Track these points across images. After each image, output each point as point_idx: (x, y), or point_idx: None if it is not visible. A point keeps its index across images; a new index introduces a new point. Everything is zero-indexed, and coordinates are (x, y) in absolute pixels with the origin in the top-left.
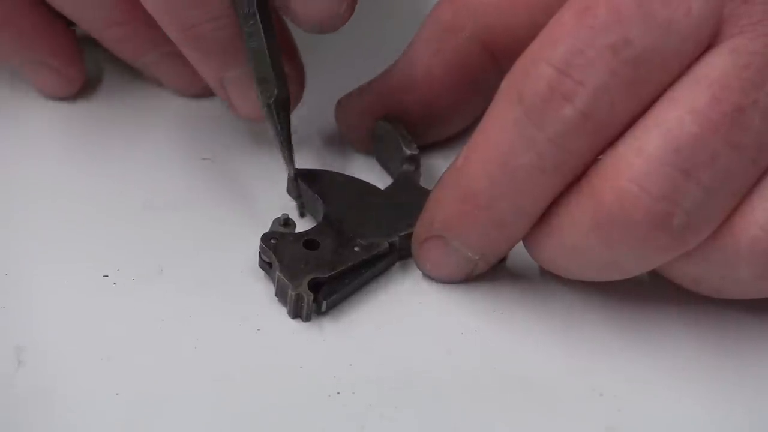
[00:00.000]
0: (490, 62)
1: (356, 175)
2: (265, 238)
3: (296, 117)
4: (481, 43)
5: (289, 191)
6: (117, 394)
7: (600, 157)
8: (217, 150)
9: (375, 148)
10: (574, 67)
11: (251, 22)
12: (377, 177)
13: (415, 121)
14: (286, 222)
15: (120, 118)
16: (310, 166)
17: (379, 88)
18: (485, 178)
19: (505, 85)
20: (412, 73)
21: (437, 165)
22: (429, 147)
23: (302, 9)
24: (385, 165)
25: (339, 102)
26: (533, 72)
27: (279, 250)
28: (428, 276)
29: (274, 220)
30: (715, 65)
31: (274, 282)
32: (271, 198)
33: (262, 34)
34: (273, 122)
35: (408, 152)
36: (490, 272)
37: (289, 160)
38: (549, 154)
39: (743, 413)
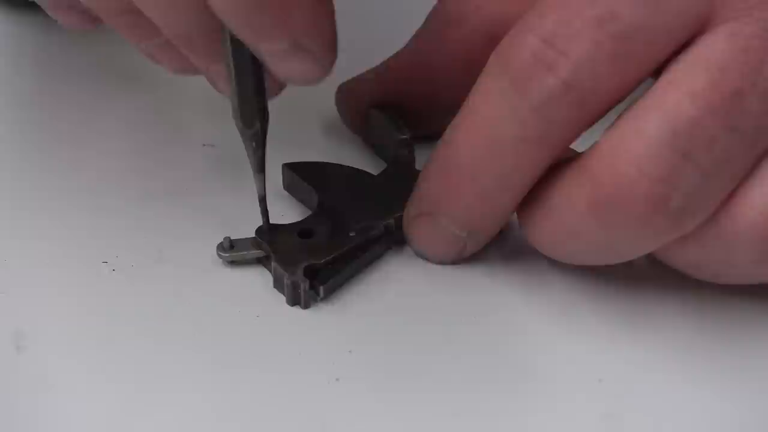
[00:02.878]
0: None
1: (353, 165)
2: (260, 232)
3: (293, 103)
4: (484, 35)
5: (263, 214)
6: (116, 380)
7: (598, 140)
8: (218, 137)
9: (370, 137)
10: (558, 37)
11: (236, 62)
12: (374, 167)
13: (417, 110)
14: (231, 245)
15: (121, 103)
16: (307, 153)
17: (382, 76)
18: (469, 150)
19: (493, 56)
20: (416, 63)
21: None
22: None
23: (277, 73)
24: (381, 153)
25: (340, 88)
26: (519, 42)
27: (274, 242)
28: (419, 255)
29: (217, 246)
30: (714, 48)
31: (271, 274)
32: (271, 185)
33: (250, 76)
34: (251, 151)
35: (399, 136)
36: (488, 258)
37: (262, 185)
38: (532, 124)
39: (743, 399)
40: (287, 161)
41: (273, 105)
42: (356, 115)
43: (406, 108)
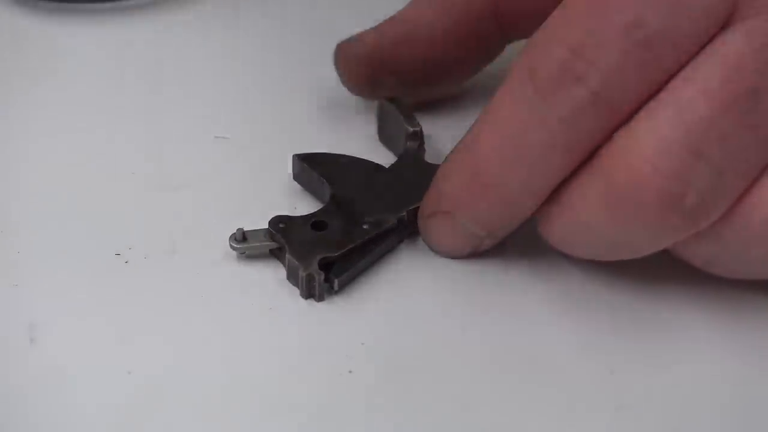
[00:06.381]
0: (494, 24)
1: (359, 155)
2: (273, 223)
3: (296, 95)
4: (486, 3)
5: None
6: (129, 372)
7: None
8: (231, 129)
9: (378, 128)
10: (587, 48)
11: None
12: (379, 157)
13: (412, 74)
14: (244, 237)
15: (134, 95)
16: (311, 143)
17: (381, 36)
18: (495, 156)
19: (518, 63)
20: (416, 26)
21: (442, 140)
22: (433, 122)
23: None
24: (390, 145)
25: (339, 46)
26: (546, 52)
27: (287, 234)
28: (433, 249)
29: (230, 237)
30: (730, 46)
31: (285, 266)
32: (283, 178)
33: None
34: None
35: (410, 129)
36: (502, 251)
37: None
38: (560, 134)
39: (755, 393)
40: (293, 151)
41: (274, 97)
42: (355, 75)
43: (404, 70)
